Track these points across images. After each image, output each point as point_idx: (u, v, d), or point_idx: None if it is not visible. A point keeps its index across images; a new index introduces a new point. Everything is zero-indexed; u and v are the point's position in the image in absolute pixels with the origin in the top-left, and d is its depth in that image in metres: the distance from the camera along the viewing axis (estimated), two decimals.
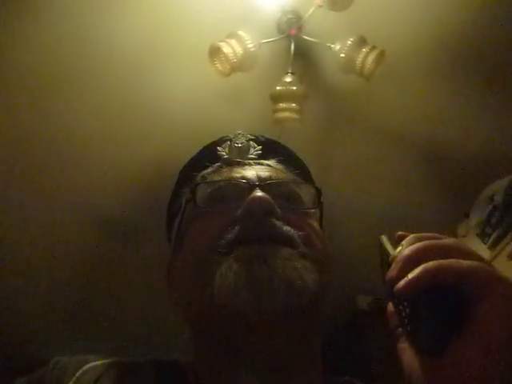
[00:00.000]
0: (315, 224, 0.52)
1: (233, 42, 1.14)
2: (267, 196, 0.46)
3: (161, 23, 1.28)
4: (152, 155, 1.54)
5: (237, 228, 0.45)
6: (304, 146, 0.96)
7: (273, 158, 0.56)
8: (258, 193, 0.46)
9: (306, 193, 0.54)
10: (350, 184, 1.66)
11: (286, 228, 0.46)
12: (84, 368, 0.48)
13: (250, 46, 1.16)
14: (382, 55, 1.16)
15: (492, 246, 1.38)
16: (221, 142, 0.59)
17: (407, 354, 0.34)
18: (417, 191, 1.67)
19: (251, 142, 0.58)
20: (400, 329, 0.35)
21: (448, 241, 0.34)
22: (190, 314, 0.49)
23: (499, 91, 1.42)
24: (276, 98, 1.25)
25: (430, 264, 0.31)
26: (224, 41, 1.16)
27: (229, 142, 0.58)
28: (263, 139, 0.59)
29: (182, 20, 1.29)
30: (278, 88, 1.24)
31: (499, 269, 0.33)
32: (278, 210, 0.46)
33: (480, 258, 0.33)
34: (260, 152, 0.57)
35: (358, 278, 1.76)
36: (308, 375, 0.47)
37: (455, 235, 1.56)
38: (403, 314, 0.34)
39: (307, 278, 0.43)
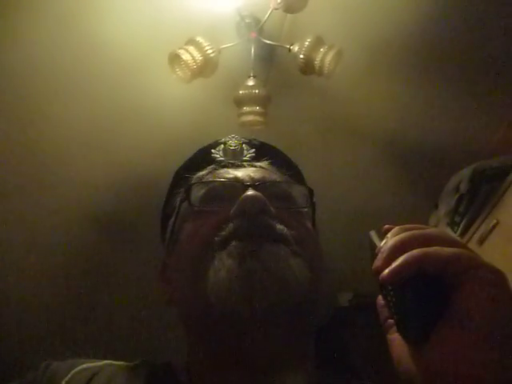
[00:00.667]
0: (308, 223, 0.53)
1: (191, 48, 1.15)
2: (260, 194, 0.47)
3: (125, 31, 1.29)
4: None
5: (230, 226, 0.46)
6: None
7: (266, 160, 0.57)
8: (252, 192, 0.47)
9: (298, 193, 0.54)
10: (318, 182, 1.67)
11: (279, 226, 0.46)
12: (76, 369, 0.48)
13: (209, 51, 1.17)
14: (339, 54, 1.18)
15: (462, 234, 1.41)
16: (215, 145, 0.60)
17: (396, 343, 0.34)
18: (388, 185, 1.70)
19: (244, 145, 0.59)
20: (389, 320, 0.36)
21: (431, 230, 0.35)
22: (183, 312, 0.50)
23: (460, 87, 1.46)
24: (240, 102, 1.26)
25: (414, 252, 0.32)
26: (183, 48, 1.16)
27: (223, 145, 0.59)
28: (256, 142, 0.60)
29: (143, 28, 1.29)
30: (240, 92, 1.25)
31: None
32: (272, 209, 0.47)
33: (463, 246, 0.33)
34: (253, 154, 0.58)
35: (340, 274, 1.78)
36: (302, 372, 0.47)
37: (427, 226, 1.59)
38: (390, 303, 0.34)
39: (299, 274, 0.43)
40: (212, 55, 1.17)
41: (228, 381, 0.45)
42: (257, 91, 1.23)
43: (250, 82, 1.26)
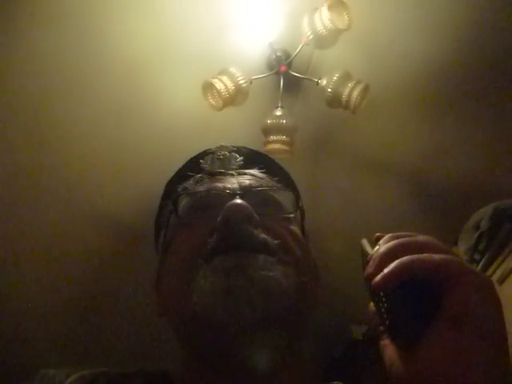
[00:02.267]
0: (295, 229, 0.52)
1: (224, 78, 1.20)
2: (245, 203, 0.47)
3: (156, 58, 1.34)
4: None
5: (215, 236, 0.46)
6: (294, 175, 0.99)
7: (254, 168, 0.57)
8: (236, 200, 0.47)
9: (285, 199, 0.54)
10: (339, 213, 1.69)
11: (263, 236, 0.46)
12: (72, 378, 0.48)
13: (241, 81, 1.22)
14: (366, 89, 1.22)
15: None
16: (204, 154, 0.60)
17: (388, 349, 0.35)
18: (406, 220, 1.70)
19: (233, 154, 0.59)
20: (381, 327, 0.36)
21: (421, 237, 0.36)
22: (174, 324, 0.50)
23: (485, 126, 1.48)
24: (267, 130, 1.30)
25: (404, 259, 0.33)
26: (216, 77, 1.21)
27: (211, 155, 0.59)
28: (245, 150, 0.60)
29: (178, 56, 1.35)
30: (268, 121, 1.29)
31: None
32: (256, 217, 0.47)
33: (452, 253, 0.35)
34: (241, 162, 0.58)
35: (352, 305, 1.76)
36: (296, 381, 0.47)
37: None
38: (382, 309, 0.35)
39: (284, 284, 0.43)
40: (244, 85, 1.22)
41: None
42: (284, 121, 1.28)
43: (278, 112, 1.30)
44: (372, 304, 0.38)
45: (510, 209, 1.35)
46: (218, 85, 1.17)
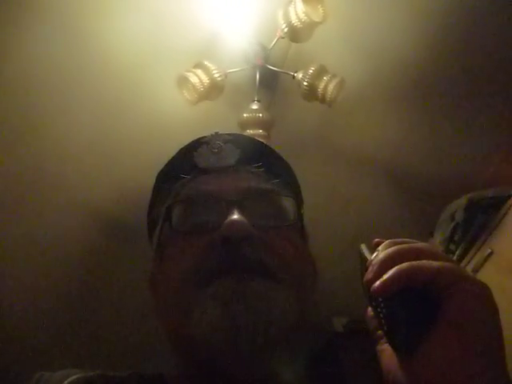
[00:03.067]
0: (296, 238, 0.50)
1: (199, 71, 1.18)
2: (243, 219, 0.44)
3: (134, 52, 1.32)
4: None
5: (213, 257, 0.44)
6: None
7: (252, 163, 0.53)
8: (235, 216, 0.45)
9: (286, 205, 0.51)
10: (317, 208, 1.69)
11: (263, 256, 0.44)
12: (68, 380, 0.47)
13: (216, 75, 1.20)
14: (342, 83, 1.22)
15: (456, 262, 1.42)
16: (197, 144, 0.55)
17: (386, 354, 0.36)
18: (383, 212, 1.72)
19: (229, 145, 0.54)
20: (379, 331, 0.37)
21: (420, 244, 0.36)
22: (169, 334, 0.49)
23: (456, 119, 1.50)
24: (244, 124, 1.29)
25: (403, 265, 0.34)
26: (191, 71, 1.20)
27: (205, 146, 0.54)
28: (242, 140, 0.56)
29: (153, 50, 1.33)
30: (244, 115, 1.28)
31: None
32: (255, 232, 0.45)
33: (450, 260, 0.35)
34: (238, 157, 0.53)
35: (335, 299, 1.78)
36: None
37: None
38: (380, 315, 0.35)
39: (289, 309, 0.43)
40: (219, 79, 1.20)
41: None
42: (260, 115, 1.27)
43: (254, 106, 1.29)
44: (370, 309, 0.38)
45: (484, 200, 1.38)
46: (193, 78, 1.16)
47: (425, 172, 1.60)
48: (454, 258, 1.43)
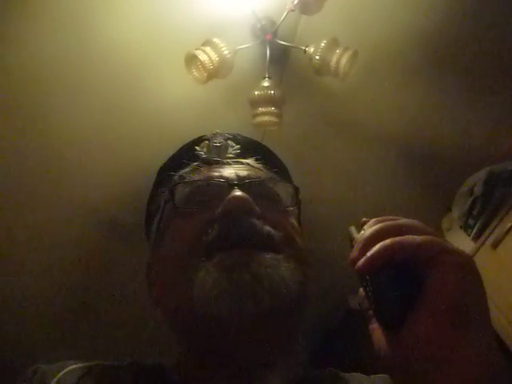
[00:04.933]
0: (294, 222, 0.52)
1: (208, 49, 1.15)
2: (246, 195, 0.46)
3: (141, 34, 1.30)
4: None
5: (216, 228, 0.45)
6: (285, 146, 0.97)
7: (251, 157, 0.56)
8: (237, 192, 0.46)
9: (284, 191, 0.53)
10: (334, 184, 1.67)
11: (267, 228, 0.45)
12: (65, 370, 0.47)
13: (225, 52, 1.17)
14: (355, 56, 1.18)
15: (476, 237, 1.40)
16: (199, 141, 0.58)
17: (376, 332, 0.36)
18: (399, 188, 1.69)
19: (229, 141, 0.57)
20: (370, 311, 0.36)
21: (404, 220, 0.36)
22: (169, 316, 0.49)
23: (473, 89, 1.45)
24: (255, 102, 1.27)
25: (386, 241, 0.34)
26: (200, 48, 1.17)
27: (207, 142, 0.57)
28: (241, 138, 0.59)
29: (160, 30, 1.30)
30: (256, 93, 1.25)
31: (484, 258, 0.35)
32: (258, 209, 0.46)
33: (434, 234, 0.35)
34: (238, 151, 0.56)
35: (350, 277, 1.77)
36: (290, 369, 0.47)
37: (439, 229, 1.58)
38: (368, 293, 0.35)
39: (290, 281, 0.43)
40: (228, 56, 1.17)
41: (217, 380, 0.45)
42: (272, 92, 1.24)
43: (265, 83, 1.26)
44: (361, 288, 0.38)
45: (504, 172, 1.34)
46: (202, 56, 1.13)
47: (440, 146, 1.56)
48: (473, 232, 1.41)
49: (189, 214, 0.49)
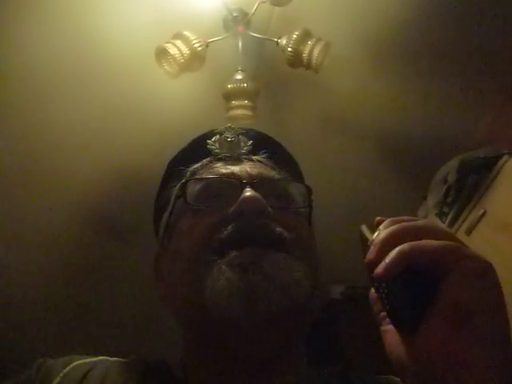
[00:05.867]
0: (305, 223, 0.52)
1: (178, 42, 1.13)
2: (259, 195, 0.45)
3: (112, 26, 1.28)
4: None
5: (229, 228, 0.45)
6: None
7: (263, 154, 0.55)
8: (250, 192, 0.46)
9: (296, 191, 0.53)
10: (313, 175, 1.68)
11: (279, 229, 0.45)
12: (71, 365, 0.47)
13: (196, 45, 1.16)
14: (327, 47, 1.18)
15: (450, 224, 1.43)
16: (211, 135, 0.57)
17: (389, 334, 0.35)
18: (376, 178, 1.71)
19: (241, 137, 0.56)
20: (382, 312, 0.36)
21: (421, 222, 0.36)
22: (178, 312, 0.49)
23: (447, 79, 1.47)
24: (228, 96, 1.25)
25: (404, 247, 0.33)
26: (170, 42, 1.15)
27: (218, 136, 0.56)
28: (253, 133, 0.58)
29: (130, 23, 1.28)
30: (229, 86, 1.24)
31: None
32: (270, 210, 0.46)
33: (452, 237, 0.34)
34: (251, 147, 0.55)
35: (331, 267, 1.79)
36: (295, 368, 0.48)
37: (416, 217, 1.60)
38: (383, 295, 0.35)
39: (303, 283, 0.43)
40: (199, 49, 1.16)
41: (223, 378, 0.45)
42: (245, 85, 1.23)
43: (239, 76, 1.25)
44: (373, 289, 0.38)
45: (476, 160, 1.37)
46: (172, 50, 1.11)
47: (416, 135, 1.58)
48: (448, 219, 1.43)
49: (200, 211, 0.49)
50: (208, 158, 0.54)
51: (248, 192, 0.46)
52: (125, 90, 1.41)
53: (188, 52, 1.13)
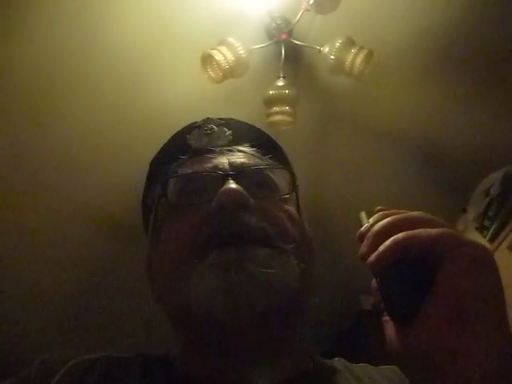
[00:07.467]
0: (291, 209, 0.50)
1: (224, 49, 1.16)
2: (239, 187, 0.44)
3: (154, 32, 1.31)
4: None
5: (210, 226, 0.43)
6: (300, 146, 0.98)
7: (245, 143, 0.53)
8: (231, 184, 0.44)
9: (280, 178, 0.51)
10: (347, 183, 1.67)
11: (262, 224, 0.44)
12: (73, 362, 0.47)
13: (241, 52, 1.18)
14: (370, 55, 1.18)
15: (492, 239, 1.38)
16: (189, 129, 0.56)
17: (388, 325, 0.35)
18: (414, 188, 1.68)
19: (221, 127, 0.55)
20: (382, 304, 0.36)
21: (415, 213, 0.35)
22: (168, 312, 0.49)
23: (490, 88, 1.43)
24: (269, 102, 1.27)
25: (399, 236, 0.33)
26: (215, 48, 1.18)
27: (197, 129, 0.55)
28: (234, 123, 0.56)
29: (175, 29, 1.31)
30: (270, 92, 1.26)
31: (500, 261, 0.34)
32: (252, 201, 0.44)
33: (446, 226, 0.34)
34: (231, 137, 0.54)
35: (362, 278, 1.76)
36: (296, 358, 0.47)
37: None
38: (380, 286, 0.35)
39: (287, 276, 0.42)
40: (244, 56, 1.18)
41: (222, 374, 0.44)
42: (286, 91, 1.24)
43: (280, 83, 1.27)
44: (374, 280, 0.37)
45: None
46: (218, 56, 1.14)
47: (457, 145, 1.55)
48: (489, 234, 1.39)
49: (182, 209, 0.48)
50: (188, 154, 0.53)
51: (228, 185, 0.44)
52: (164, 94, 1.42)
53: (233, 58, 1.16)
